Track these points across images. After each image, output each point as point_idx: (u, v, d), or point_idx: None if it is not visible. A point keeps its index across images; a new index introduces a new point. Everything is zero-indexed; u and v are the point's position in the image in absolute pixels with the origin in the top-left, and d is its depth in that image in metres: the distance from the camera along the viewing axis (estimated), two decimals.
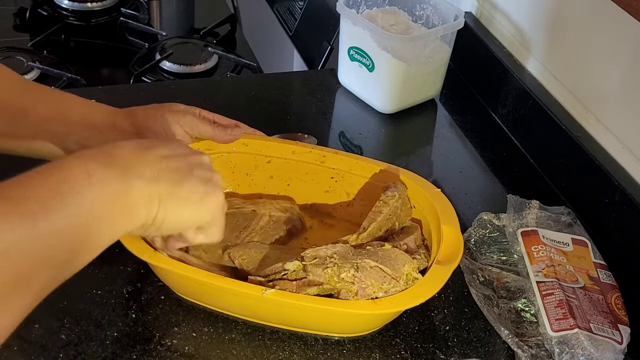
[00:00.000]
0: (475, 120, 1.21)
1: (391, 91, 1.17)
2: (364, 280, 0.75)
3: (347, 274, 0.76)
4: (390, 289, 0.76)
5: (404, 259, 0.79)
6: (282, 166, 0.93)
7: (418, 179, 0.90)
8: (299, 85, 1.27)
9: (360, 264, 0.77)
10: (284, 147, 0.93)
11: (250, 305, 0.79)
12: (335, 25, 1.34)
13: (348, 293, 0.76)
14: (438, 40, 1.18)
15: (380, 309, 0.74)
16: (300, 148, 0.92)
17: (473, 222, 0.96)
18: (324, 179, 0.93)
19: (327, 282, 0.76)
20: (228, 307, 0.81)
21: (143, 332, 0.79)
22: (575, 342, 0.79)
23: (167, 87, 1.24)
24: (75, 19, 1.78)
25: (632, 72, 0.96)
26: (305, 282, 0.76)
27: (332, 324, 0.80)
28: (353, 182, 0.92)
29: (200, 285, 0.77)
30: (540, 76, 1.14)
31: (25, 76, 1.52)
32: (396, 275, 0.77)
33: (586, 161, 1.00)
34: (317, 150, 0.92)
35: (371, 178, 0.91)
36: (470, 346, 0.82)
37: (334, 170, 0.92)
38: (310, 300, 0.75)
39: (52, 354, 0.76)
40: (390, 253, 0.79)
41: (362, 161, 0.92)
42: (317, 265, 0.76)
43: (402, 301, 0.75)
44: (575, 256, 0.90)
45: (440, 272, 0.77)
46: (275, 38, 1.79)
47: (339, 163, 0.92)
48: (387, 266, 0.77)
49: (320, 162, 0.92)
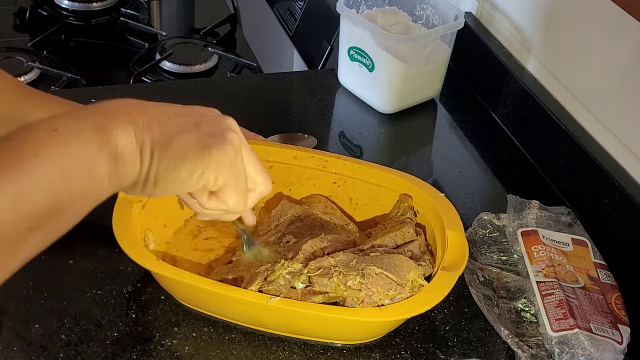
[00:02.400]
0: (475, 120, 1.21)
1: (391, 91, 1.17)
2: (370, 287, 0.75)
3: (354, 281, 0.75)
4: (397, 296, 0.76)
5: (409, 265, 0.78)
6: (283, 171, 0.92)
7: (422, 183, 0.89)
8: (299, 85, 1.27)
9: (365, 271, 0.76)
10: (286, 152, 0.92)
11: (254, 313, 0.79)
12: (335, 25, 1.34)
13: (354, 300, 0.75)
14: (438, 40, 1.18)
15: (387, 316, 0.74)
16: (302, 153, 0.92)
17: (473, 222, 0.96)
18: (327, 184, 0.92)
19: (333, 291, 0.76)
20: (231, 315, 0.80)
21: (143, 332, 0.79)
22: (575, 342, 0.79)
23: (167, 87, 1.24)
24: (75, 19, 1.78)
25: (632, 72, 0.96)
26: (310, 290, 0.77)
27: (336, 332, 0.80)
28: (356, 187, 0.92)
29: (203, 293, 0.77)
30: (540, 76, 1.14)
31: (25, 76, 1.52)
32: (402, 282, 0.76)
33: (586, 161, 1.00)
34: (319, 155, 0.92)
35: (374, 183, 0.91)
36: (470, 346, 0.82)
37: (337, 175, 0.91)
38: (316, 308, 0.75)
39: (52, 354, 0.76)
40: (395, 259, 0.79)
41: (365, 166, 0.91)
42: (322, 276, 0.76)
43: (408, 308, 0.75)
44: (575, 256, 0.90)
45: (446, 279, 0.76)
46: (275, 38, 1.79)
47: (341, 168, 0.91)
48: (393, 273, 0.76)
49: (322, 167, 0.91)
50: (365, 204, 0.92)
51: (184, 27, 1.88)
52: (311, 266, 0.77)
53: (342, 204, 0.93)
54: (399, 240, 0.83)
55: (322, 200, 0.92)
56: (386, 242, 0.83)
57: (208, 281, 0.76)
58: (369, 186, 0.91)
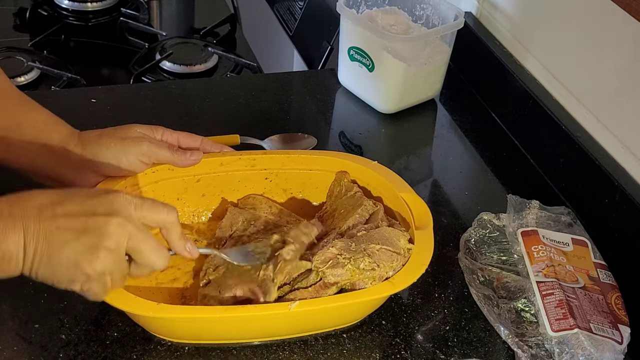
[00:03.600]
0: (475, 120, 1.21)
1: (391, 91, 1.17)
2: (379, 264, 0.77)
3: (365, 262, 0.77)
4: (397, 265, 0.78)
5: (397, 234, 0.81)
6: (212, 181, 0.91)
7: (353, 157, 0.93)
8: (299, 85, 1.27)
9: (368, 250, 0.78)
10: (211, 161, 0.89)
11: (272, 325, 0.79)
12: (335, 25, 1.34)
13: (365, 281, 0.77)
14: (438, 40, 1.18)
15: (398, 287, 0.77)
16: (227, 158, 0.90)
17: (473, 222, 0.96)
18: (258, 182, 0.92)
19: (348, 278, 0.77)
20: (246, 335, 0.79)
21: (143, 332, 0.79)
22: (575, 342, 0.79)
23: (167, 87, 1.24)
24: (75, 19, 1.78)
25: (632, 72, 0.96)
26: (321, 284, 0.78)
27: (351, 315, 0.82)
28: (288, 177, 0.92)
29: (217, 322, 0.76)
30: (540, 76, 1.14)
31: (25, 76, 1.52)
32: (398, 251, 0.79)
33: (586, 161, 1.00)
34: (245, 155, 0.91)
35: (306, 168, 0.92)
36: (470, 346, 0.82)
37: (267, 170, 0.92)
38: (336, 300, 0.77)
39: (52, 354, 0.76)
40: (383, 232, 0.82)
41: (293, 154, 0.92)
42: (334, 267, 0.77)
43: (412, 274, 0.78)
44: (575, 256, 0.90)
45: (426, 237, 0.81)
46: (275, 38, 1.79)
47: (270, 162, 0.91)
48: (389, 245, 0.79)
49: (251, 166, 0.91)
50: (300, 191, 0.93)
51: (184, 27, 1.88)
52: (317, 261, 0.78)
53: (277, 198, 0.93)
54: (365, 214, 0.86)
55: (262, 200, 0.92)
56: (358, 220, 0.85)
57: (222, 308, 0.75)
58: (300, 173, 0.92)
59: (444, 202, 1.02)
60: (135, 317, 0.77)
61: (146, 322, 0.77)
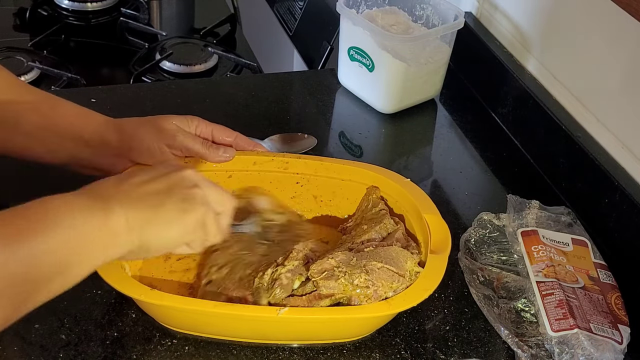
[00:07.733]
0: (475, 120, 1.21)
1: (391, 91, 1.17)
2: (375, 282, 0.76)
3: (360, 279, 0.76)
4: (399, 287, 0.77)
5: (405, 255, 0.80)
6: (244, 179, 0.91)
7: (386, 172, 0.91)
8: (299, 85, 1.27)
9: (368, 267, 0.77)
10: (244, 159, 0.90)
11: (261, 328, 0.79)
12: (335, 25, 1.34)
13: (361, 298, 0.76)
14: (438, 40, 1.18)
15: (395, 308, 0.75)
16: (261, 158, 0.91)
17: (473, 222, 0.96)
18: (289, 185, 0.92)
19: (341, 292, 0.76)
20: (237, 333, 0.80)
21: (143, 332, 0.79)
22: (575, 342, 0.79)
23: (167, 87, 1.24)
24: (75, 19, 1.78)
25: (632, 72, 0.96)
26: (316, 295, 0.77)
27: (345, 331, 0.80)
28: (319, 184, 0.92)
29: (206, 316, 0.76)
30: (540, 76, 1.14)
31: (25, 76, 1.52)
32: (402, 273, 0.78)
33: (586, 161, 1.00)
34: (279, 157, 0.91)
35: (338, 177, 0.91)
36: (470, 346, 0.82)
37: (299, 175, 0.91)
38: (326, 312, 0.76)
39: (52, 354, 0.76)
40: (390, 251, 0.80)
41: (327, 162, 0.91)
42: (328, 278, 0.77)
43: (412, 297, 0.76)
44: (575, 256, 0.90)
45: (438, 262, 0.78)
46: (275, 38, 1.80)
47: (303, 167, 0.91)
48: (392, 265, 0.78)
49: (283, 168, 0.91)
50: (331, 199, 0.93)
51: (184, 27, 1.88)
52: (313, 270, 0.77)
53: (307, 203, 0.93)
54: (383, 232, 0.85)
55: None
56: (373, 237, 0.84)
57: (213, 303, 0.75)
58: (332, 181, 0.91)
59: (444, 202, 1.02)
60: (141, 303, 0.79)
61: (144, 306, 0.79)
